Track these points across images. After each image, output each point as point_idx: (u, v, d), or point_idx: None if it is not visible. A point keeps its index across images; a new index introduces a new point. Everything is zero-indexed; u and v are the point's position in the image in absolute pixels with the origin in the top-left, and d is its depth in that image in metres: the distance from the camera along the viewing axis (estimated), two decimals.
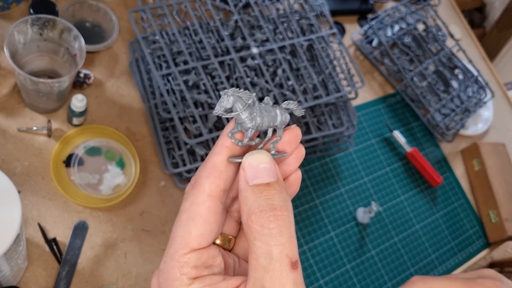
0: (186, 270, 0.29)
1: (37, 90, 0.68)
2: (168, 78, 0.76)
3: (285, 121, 0.32)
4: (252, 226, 0.28)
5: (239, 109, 0.30)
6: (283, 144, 0.32)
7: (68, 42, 0.70)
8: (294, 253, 0.28)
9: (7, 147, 0.73)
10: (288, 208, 0.28)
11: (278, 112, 0.32)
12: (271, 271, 0.27)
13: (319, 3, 0.91)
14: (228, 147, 0.31)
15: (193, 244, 0.29)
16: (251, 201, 0.28)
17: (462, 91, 1.09)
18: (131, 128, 0.81)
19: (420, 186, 1.01)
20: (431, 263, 0.95)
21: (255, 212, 0.28)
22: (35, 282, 0.67)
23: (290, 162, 0.33)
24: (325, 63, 0.86)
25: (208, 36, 0.80)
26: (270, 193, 0.28)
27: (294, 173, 0.34)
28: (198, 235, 0.29)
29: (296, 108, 0.33)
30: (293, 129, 0.32)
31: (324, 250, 0.87)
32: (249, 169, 0.29)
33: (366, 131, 1.01)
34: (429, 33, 1.11)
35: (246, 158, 0.29)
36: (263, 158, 0.29)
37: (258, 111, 0.30)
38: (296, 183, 0.34)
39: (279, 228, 0.27)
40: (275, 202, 0.28)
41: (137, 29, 0.74)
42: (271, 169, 0.29)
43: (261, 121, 0.30)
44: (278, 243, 0.27)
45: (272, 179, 0.29)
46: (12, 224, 0.48)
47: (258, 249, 0.27)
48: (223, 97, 0.30)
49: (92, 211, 0.73)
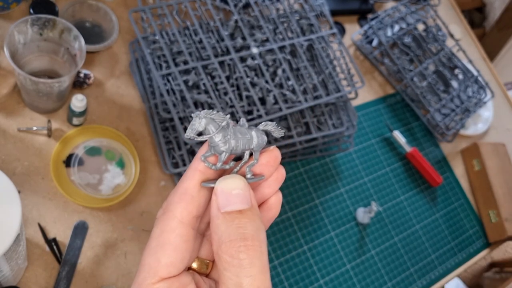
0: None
1: (37, 90, 0.68)
2: (168, 78, 0.75)
3: (262, 143, 0.30)
4: (222, 256, 0.27)
5: (211, 132, 0.29)
6: (260, 167, 0.31)
7: (68, 42, 0.70)
8: (265, 284, 0.27)
9: (7, 147, 0.73)
10: (260, 238, 0.27)
11: (254, 134, 0.30)
12: None
13: (319, 3, 0.91)
14: (201, 171, 0.29)
15: (162, 273, 0.28)
16: (221, 230, 0.27)
17: (462, 91, 1.09)
18: (131, 128, 0.81)
19: (420, 186, 1.01)
20: (431, 263, 0.95)
21: (225, 241, 0.27)
22: (35, 282, 0.67)
23: (269, 185, 0.32)
24: (325, 63, 0.86)
25: (208, 36, 0.80)
26: (242, 222, 0.27)
27: (274, 195, 0.32)
28: (168, 263, 0.28)
29: (275, 129, 0.32)
30: (272, 151, 0.31)
31: (324, 250, 0.87)
32: (221, 195, 0.28)
33: (366, 131, 1.01)
34: (429, 33, 1.11)
35: (219, 184, 0.28)
36: (236, 183, 0.28)
37: (232, 133, 0.29)
38: (275, 206, 0.32)
39: (250, 259, 0.26)
40: (246, 231, 0.27)
41: (137, 29, 0.74)
42: (244, 195, 0.28)
43: (235, 144, 0.29)
44: (248, 275, 0.26)
45: (245, 206, 0.28)
46: (12, 224, 0.48)
47: (228, 280, 0.26)
48: (195, 119, 0.29)
49: (92, 211, 0.73)
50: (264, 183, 0.32)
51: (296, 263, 0.84)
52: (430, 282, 0.94)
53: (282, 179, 0.32)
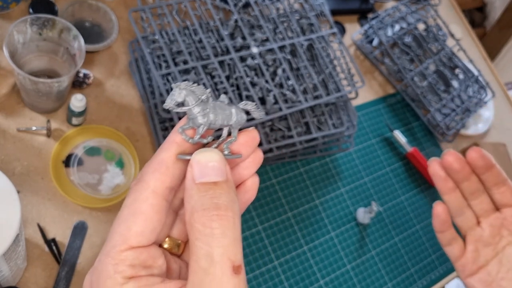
0: (121, 268, 0.27)
1: (37, 90, 0.68)
2: (168, 78, 0.75)
3: (240, 121, 0.30)
4: (194, 225, 0.26)
5: (190, 104, 0.28)
6: (238, 146, 0.31)
7: (68, 42, 0.70)
8: (237, 256, 0.26)
9: (6, 147, 0.72)
10: (233, 209, 0.27)
11: (233, 111, 0.30)
12: (211, 274, 0.25)
13: (319, 2, 0.90)
14: (178, 143, 0.29)
15: (131, 242, 0.28)
16: (195, 199, 0.27)
17: (463, 91, 1.09)
18: (131, 128, 0.81)
19: (420, 186, 1.01)
20: (432, 263, 0.95)
21: (198, 210, 0.26)
22: (35, 282, 0.67)
23: (246, 166, 0.32)
24: (325, 62, 0.85)
25: (208, 35, 0.80)
26: (216, 192, 0.27)
27: (251, 178, 0.32)
28: (138, 232, 0.28)
29: (254, 109, 0.32)
30: (250, 131, 0.31)
31: (324, 250, 0.87)
32: (197, 166, 0.27)
33: (367, 131, 1.01)
34: (429, 32, 1.11)
35: (195, 155, 0.28)
36: (213, 156, 0.28)
37: (211, 107, 0.29)
38: (252, 188, 0.32)
39: (222, 228, 0.26)
40: (220, 201, 0.26)
41: (136, 28, 0.74)
42: (220, 168, 0.28)
43: (214, 118, 0.29)
44: (220, 245, 0.26)
45: (219, 179, 0.27)
46: (11, 224, 0.48)
47: (199, 250, 0.26)
48: (175, 90, 0.29)
49: (91, 211, 0.73)
50: (241, 164, 0.32)
51: (296, 264, 0.84)
52: (431, 282, 0.94)
53: (259, 161, 0.32)
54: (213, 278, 0.25)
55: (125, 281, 0.27)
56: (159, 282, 0.27)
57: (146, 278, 0.27)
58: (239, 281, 0.26)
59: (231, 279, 0.25)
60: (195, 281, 0.26)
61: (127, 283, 0.27)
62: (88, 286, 0.29)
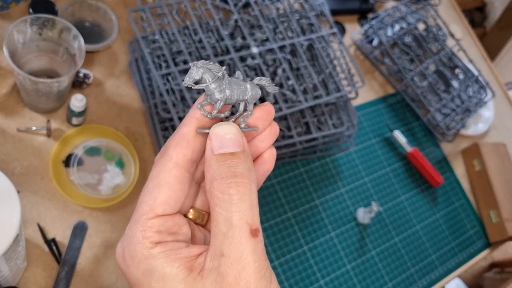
0: (149, 234, 0.29)
1: (37, 90, 0.68)
2: (168, 78, 0.75)
3: (255, 95, 0.32)
4: (213, 192, 0.28)
5: (208, 81, 0.30)
6: (254, 119, 0.32)
7: (68, 42, 0.70)
8: (254, 220, 0.28)
9: (6, 147, 0.72)
10: (250, 177, 0.29)
11: (248, 86, 0.32)
12: (230, 237, 0.27)
13: (319, 2, 0.90)
14: (198, 118, 0.31)
15: (157, 210, 0.30)
16: (214, 169, 0.29)
17: (463, 91, 1.09)
18: (131, 128, 0.81)
19: (420, 186, 1.01)
20: (432, 264, 0.95)
21: (217, 178, 0.28)
22: (35, 282, 0.67)
23: (263, 138, 0.33)
24: (325, 62, 0.85)
25: (208, 35, 0.80)
26: (234, 162, 0.29)
27: (268, 150, 0.34)
28: (163, 201, 0.30)
29: (269, 84, 0.33)
30: (265, 105, 0.33)
31: (324, 250, 0.87)
32: (215, 139, 0.30)
33: (367, 131, 1.01)
34: (429, 32, 1.11)
35: (213, 129, 0.30)
36: (230, 129, 0.30)
37: (227, 84, 0.31)
38: (269, 160, 0.34)
39: (239, 194, 0.28)
40: (237, 170, 0.28)
41: (136, 28, 0.74)
42: (236, 139, 0.30)
43: (230, 94, 0.31)
44: (238, 210, 0.28)
45: (237, 149, 0.29)
46: (11, 224, 0.48)
47: (219, 215, 0.28)
48: (193, 68, 0.30)
49: (91, 211, 0.73)
50: (258, 137, 0.33)
51: (296, 264, 0.84)
52: (431, 282, 0.93)
53: (275, 134, 0.34)
54: (232, 240, 0.27)
55: (152, 246, 0.29)
56: (184, 247, 0.30)
57: (172, 243, 0.30)
58: (256, 243, 0.28)
59: (249, 241, 0.27)
60: (217, 244, 0.28)
61: (155, 248, 0.29)
62: (121, 251, 0.31)
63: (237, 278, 0.27)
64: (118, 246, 0.31)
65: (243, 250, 0.27)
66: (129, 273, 0.30)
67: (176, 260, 0.28)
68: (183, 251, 0.29)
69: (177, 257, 0.29)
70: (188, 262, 0.29)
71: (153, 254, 0.29)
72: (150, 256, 0.29)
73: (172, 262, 0.28)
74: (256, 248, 0.28)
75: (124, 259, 0.30)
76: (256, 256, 0.28)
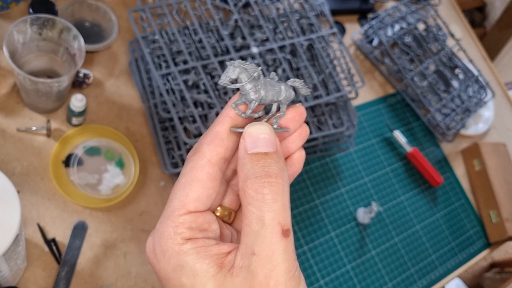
0: (180, 230, 0.29)
1: (37, 90, 0.68)
2: (168, 78, 0.75)
3: (289, 97, 0.32)
4: (246, 191, 0.28)
5: (243, 81, 0.30)
6: (286, 120, 0.33)
7: (68, 42, 0.70)
8: (286, 221, 0.28)
9: (6, 147, 0.72)
10: (283, 177, 0.29)
11: (283, 87, 0.32)
12: (262, 236, 0.27)
13: (319, 2, 0.90)
14: (232, 117, 0.31)
15: (189, 206, 0.30)
16: (247, 168, 0.29)
17: (463, 91, 1.09)
18: (131, 128, 0.81)
19: (420, 186, 1.01)
20: (432, 263, 0.95)
21: (251, 177, 0.28)
22: (34, 282, 0.67)
23: (293, 140, 0.34)
24: (325, 62, 0.85)
25: (208, 35, 0.80)
26: (267, 162, 0.29)
27: (297, 152, 0.34)
28: (195, 198, 0.30)
29: (302, 86, 0.34)
30: (298, 107, 0.33)
31: (324, 250, 0.87)
32: (249, 138, 0.30)
33: (367, 131, 1.01)
34: (429, 32, 1.11)
35: (247, 128, 0.30)
36: (264, 129, 0.30)
37: (262, 84, 0.31)
38: (298, 162, 0.34)
39: (272, 194, 0.28)
40: (271, 170, 0.29)
41: (136, 28, 0.74)
42: (270, 140, 0.30)
43: (265, 94, 0.31)
44: (270, 209, 0.28)
45: (270, 149, 0.29)
46: (11, 224, 0.48)
47: (251, 214, 0.28)
48: (229, 68, 0.30)
49: (91, 211, 0.73)
50: (288, 138, 0.33)
51: None
52: (431, 282, 0.93)
53: (306, 135, 0.34)
54: (264, 240, 0.27)
55: (183, 242, 0.29)
56: (214, 244, 0.30)
57: (202, 240, 0.30)
58: (287, 243, 0.28)
59: (280, 241, 0.27)
60: (248, 243, 0.28)
61: (186, 244, 0.29)
62: (151, 246, 0.31)
63: (267, 277, 0.27)
64: (149, 240, 0.31)
65: (274, 250, 0.27)
66: (159, 267, 0.30)
67: (207, 257, 0.29)
68: (214, 248, 0.29)
69: (207, 253, 0.29)
70: (219, 259, 0.29)
71: (184, 250, 0.29)
72: (181, 251, 0.29)
73: (203, 259, 0.29)
74: (287, 248, 0.28)
75: (154, 253, 0.30)
76: (287, 256, 0.28)
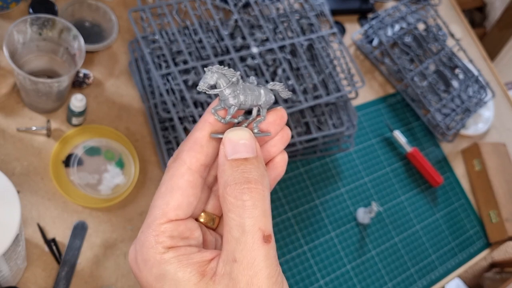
0: (161, 239, 0.29)
1: (37, 90, 0.68)
2: (168, 78, 0.75)
3: (269, 101, 0.32)
4: (226, 197, 0.28)
5: (222, 86, 0.30)
6: (267, 124, 0.32)
7: (68, 42, 0.70)
8: (267, 227, 0.28)
9: (6, 147, 0.72)
10: (263, 182, 0.29)
11: (262, 92, 0.32)
12: (242, 243, 0.27)
13: (319, 2, 0.90)
14: (211, 123, 0.31)
15: (170, 215, 0.30)
16: (227, 174, 0.29)
17: (463, 91, 1.09)
18: (131, 128, 0.81)
19: (420, 186, 1.01)
20: (432, 264, 0.95)
21: (231, 184, 0.28)
22: (34, 282, 0.67)
23: (275, 143, 0.33)
24: (325, 62, 0.85)
25: (207, 35, 0.80)
26: (247, 168, 0.29)
27: (280, 155, 0.34)
28: (176, 206, 0.30)
29: (282, 89, 0.33)
30: (278, 110, 0.33)
31: (324, 250, 0.87)
32: (229, 144, 0.29)
33: (367, 131, 1.01)
34: (429, 32, 1.11)
35: (227, 134, 0.30)
36: (243, 134, 0.30)
37: (241, 89, 0.31)
38: (281, 165, 0.34)
39: (252, 200, 0.28)
40: (250, 176, 0.28)
41: (136, 28, 0.74)
42: (250, 145, 0.30)
43: (244, 99, 0.31)
44: (251, 216, 0.27)
45: (250, 155, 0.29)
46: (11, 224, 0.48)
47: (231, 221, 0.28)
48: (207, 73, 0.30)
49: (91, 211, 0.73)
50: (270, 142, 0.33)
51: (296, 263, 0.84)
52: (431, 282, 0.93)
53: (287, 138, 0.34)
54: (245, 246, 0.27)
55: (165, 251, 0.29)
56: (196, 252, 0.30)
57: (184, 248, 0.30)
58: (268, 249, 0.28)
59: (261, 247, 0.27)
60: (229, 250, 0.28)
61: (167, 253, 0.29)
62: (133, 255, 0.31)
63: (249, 283, 0.27)
64: (131, 249, 0.31)
65: (256, 256, 0.27)
66: (142, 277, 0.30)
67: (189, 265, 0.29)
68: (196, 256, 0.29)
69: (189, 262, 0.29)
70: (201, 267, 0.29)
71: (165, 259, 0.29)
72: (163, 261, 0.29)
73: (184, 267, 0.28)
74: (268, 254, 0.28)
75: (136, 263, 0.30)
76: (268, 262, 0.27)
